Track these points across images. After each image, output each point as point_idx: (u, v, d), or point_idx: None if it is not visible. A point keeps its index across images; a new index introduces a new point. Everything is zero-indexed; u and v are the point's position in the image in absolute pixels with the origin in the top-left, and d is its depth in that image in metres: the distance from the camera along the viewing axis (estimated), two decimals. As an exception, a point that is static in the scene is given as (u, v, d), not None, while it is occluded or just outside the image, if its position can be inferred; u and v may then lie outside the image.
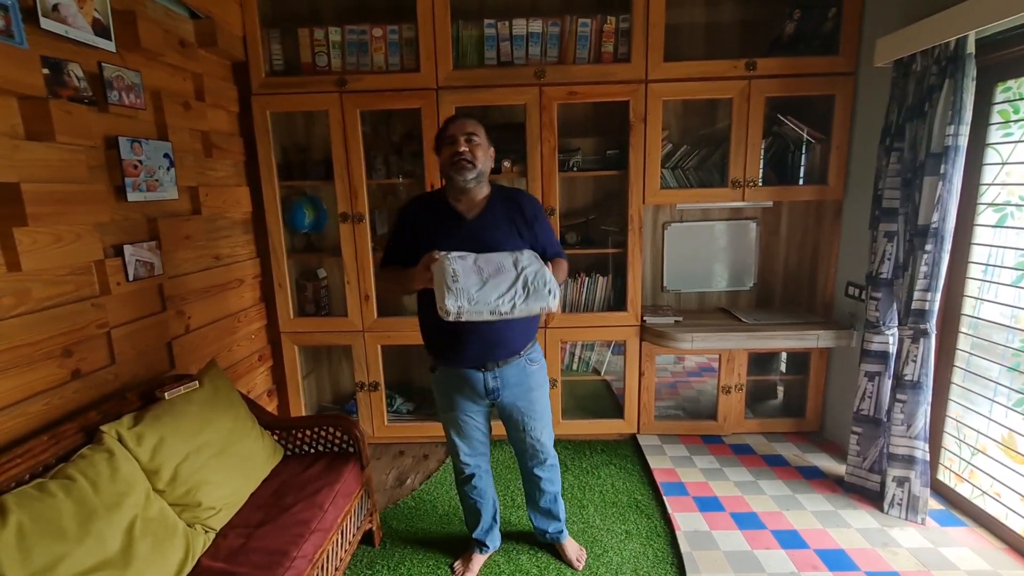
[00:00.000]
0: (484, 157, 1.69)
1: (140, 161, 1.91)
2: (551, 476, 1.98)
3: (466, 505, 2.05)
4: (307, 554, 1.60)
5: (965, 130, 1.89)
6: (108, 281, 1.79)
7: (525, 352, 1.78)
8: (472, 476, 1.95)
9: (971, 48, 1.84)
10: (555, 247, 1.83)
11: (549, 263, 1.68)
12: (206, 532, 1.62)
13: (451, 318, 1.49)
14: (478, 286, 1.49)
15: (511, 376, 1.76)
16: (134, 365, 1.92)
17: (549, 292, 1.52)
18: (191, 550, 1.52)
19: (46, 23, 1.55)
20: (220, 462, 1.74)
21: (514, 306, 1.51)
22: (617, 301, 2.85)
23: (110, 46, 1.78)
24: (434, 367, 1.84)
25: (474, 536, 2.06)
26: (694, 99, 2.75)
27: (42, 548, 1.21)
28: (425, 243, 1.65)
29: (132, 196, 1.88)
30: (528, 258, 1.58)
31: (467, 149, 1.64)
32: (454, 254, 1.55)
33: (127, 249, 1.87)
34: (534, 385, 1.82)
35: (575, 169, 2.76)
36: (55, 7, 1.57)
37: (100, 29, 1.74)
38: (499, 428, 2.02)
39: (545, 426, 1.90)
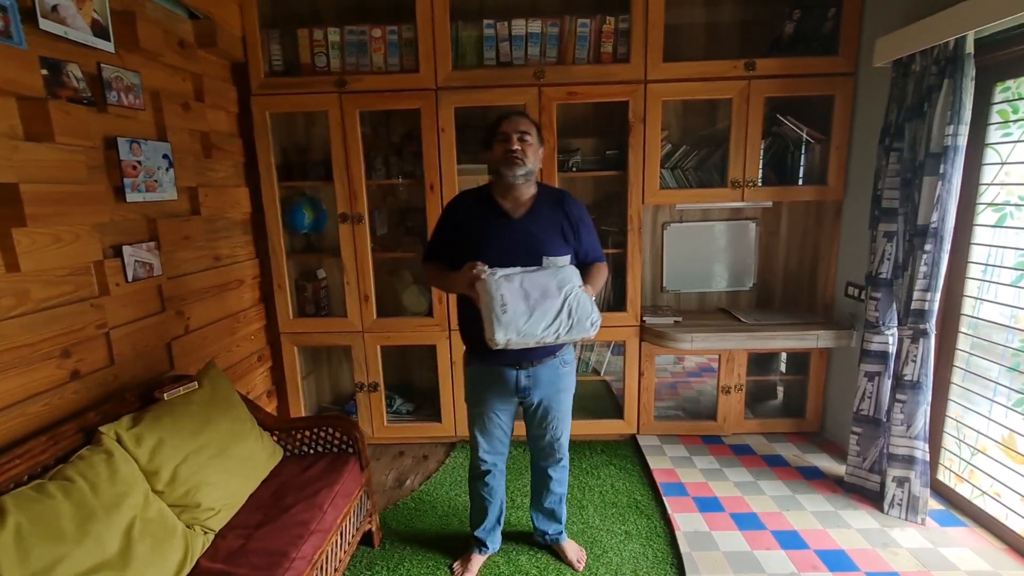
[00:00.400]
0: (534, 156, 1.71)
1: (139, 162, 1.91)
2: (561, 477, 2.00)
3: (474, 501, 2.05)
4: (306, 555, 1.59)
5: (964, 130, 1.89)
6: (107, 282, 1.79)
7: (560, 353, 1.81)
8: (487, 473, 1.97)
9: (970, 48, 1.85)
10: (597, 251, 1.84)
11: (589, 267, 1.76)
12: (205, 533, 1.62)
13: (499, 347, 1.56)
14: (526, 316, 1.54)
15: (544, 376, 1.79)
16: (133, 366, 1.91)
17: (591, 324, 1.60)
18: (190, 551, 1.52)
19: (45, 24, 1.55)
20: (219, 463, 1.74)
21: (558, 336, 1.59)
22: (617, 301, 2.85)
23: (109, 47, 1.78)
24: (470, 362, 1.87)
25: (475, 534, 2.06)
26: (693, 99, 2.75)
27: (41, 549, 1.21)
28: (469, 240, 1.68)
29: (131, 197, 1.88)
30: (570, 278, 1.62)
31: (519, 147, 1.66)
32: (500, 274, 1.59)
33: (126, 250, 1.87)
34: (563, 387, 1.85)
35: (574, 169, 2.76)
36: (54, 8, 1.57)
37: (99, 30, 1.74)
38: (517, 428, 2.02)
39: (566, 427, 1.93)
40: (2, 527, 1.18)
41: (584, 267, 1.78)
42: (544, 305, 1.56)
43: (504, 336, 1.53)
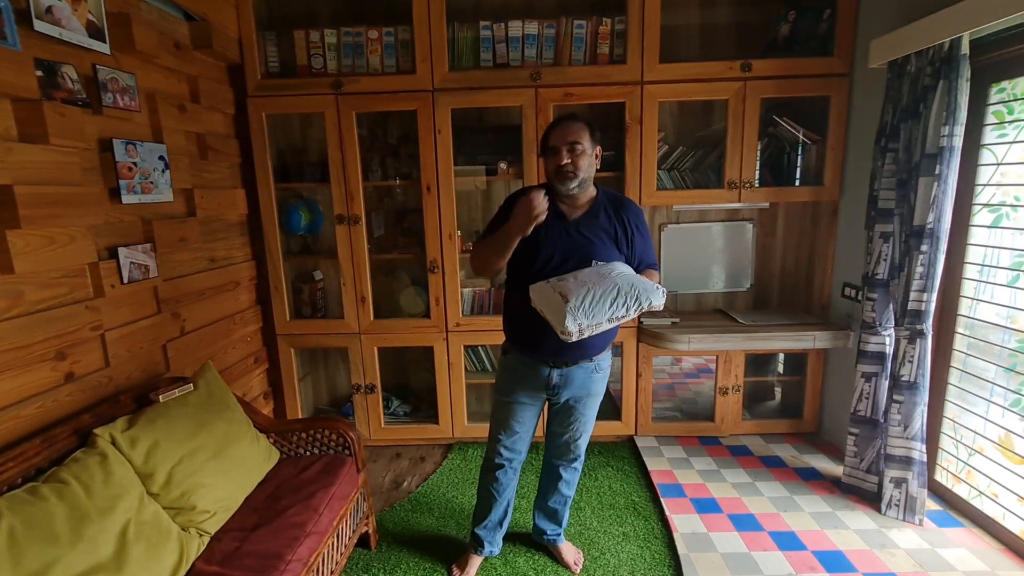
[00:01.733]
0: (588, 164, 1.67)
1: (135, 163, 1.91)
2: (571, 479, 2.00)
3: (481, 495, 2.03)
4: (302, 557, 1.59)
5: (960, 131, 1.89)
6: (102, 283, 1.78)
7: (597, 358, 1.80)
8: (499, 467, 1.94)
9: (965, 49, 1.85)
10: (650, 258, 1.81)
11: (642, 274, 1.70)
12: (200, 536, 1.61)
13: (575, 338, 1.52)
14: (589, 299, 1.51)
15: (576, 378, 1.79)
16: (128, 368, 1.91)
17: (655, 288, 1.55)
18: (185, 554, 1.51)
19: (40, 25, 1.54)
20: (215, 465, 1.73)
21: (627, 309, 1.54)
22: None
23: (104, 48, 1.78)
24: (507, 351, 1.87)
25: (475, 530, 2.04)
26: (690, 100, 2.76)
27: (34, 552, 1.20)
28: (524, 237, 1.64)
29: (127, 198, 1.88)
30: (616, 265, 1.60)
31: (569, 161, 1.63)
32: (552, 279, 1.59)
33: (121, 251, 1.87)
34: (593, 392, 1.85)
35: (571, 171, 2.76)
36: (49, 9, 1.57)
37: (94, 31, 1.73)
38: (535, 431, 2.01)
39: (587, 431, 1.92)
40: (-5, 530, 1.18)
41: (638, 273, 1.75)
42: (603, 285, 1.53)
43: (575, 323, 1.49)
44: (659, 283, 1.70)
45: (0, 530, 1.18)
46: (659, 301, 1.56)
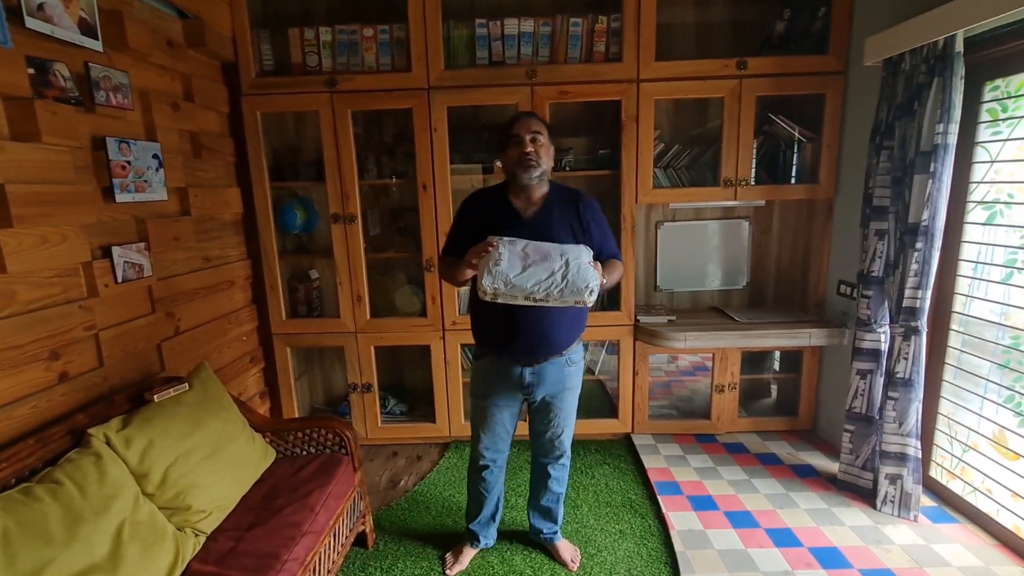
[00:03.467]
0: (547, 156, 1.73)
1: (128, 162, 1.89)
2: (560, 476, 2.00)
3: (471, 494, 2.07)
4: (298, 557, 1.58)
5: (954, 128, 1.90)
6: (96, 283, 1.77)
7: (567, 352, 1.81)
8: (485, 468, 1.97)
9: (959, 47, 1.86)
10: (611, 248, 1.84)
11: (603, 264, 1.72)
12: (196, 535, 1.60)
13: (487, 298, 1.56)
14: (518, 271, 1.54)
15: (549, 374, 1.80)
16: (123, 367, 1.90)
17: (587, 288, 1.54)
18: (181, 554, 1.51)
19: (31, 22, 1.53)
20: (210, 465, 1.72)
21: (548, 295, 1.54)
22: (610, 301, 2.85)
23: (97, 46, 1.76)
24: (479, 355, 1.88)
25: (469, 526, 2.07)
26: (685, 98, 2.76)
27: (28, 553, 1.20)
28: (481, 237, 1.67)
29: (120, 197, 1.87)
30: (577, 253, 1.60)
31: (533, 149, 1.68)
32: (507, 238, 1.61)
33: (115, 250, 1.85)
34: (569, 386, 1.86)
35: (567, 169, 2.76)
36: (40, 6, 1.55)
37: (86, 29, 1.72)
38: (519, 429, 2.02)
39: (569, 425, 1.93)
40: (-12, 531, 1.17)
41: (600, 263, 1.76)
42: (541, 266, 1.55)
43: (492, 284, 1.53)
44: (620, 274, 1.81)
45: (-7, 531, 1.17)
46: (587, 300, 1.56)
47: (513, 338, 1.73)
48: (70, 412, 1.65)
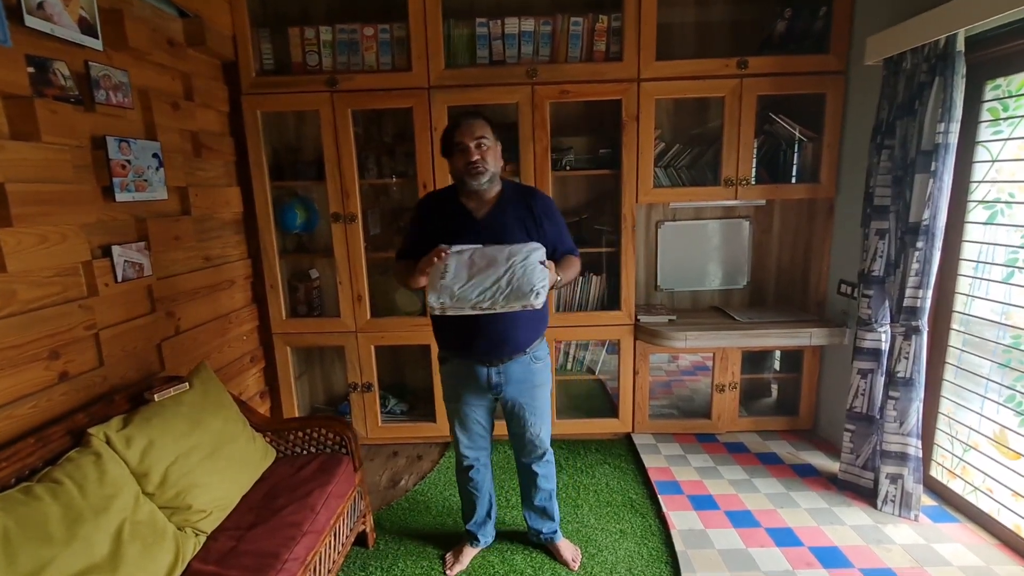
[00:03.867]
0: (494, 159, 1.71)
1: (128, 161, 1.89)
2: (547, 472, 1.99)
3: (463, 496, 2.07)
4: (299, 556, 1.58)
5: (955, 127, 1.89)
6: (96, 282, 1.77)
7: (531, 350, 1.81)
8: (470, 468, 1.98)
9: (961, 46, 1.85)
10: (566, 244, 1.84)
11: (558, 261, 1.73)
12: (196, 535, 1.60)
13: (436, 312, 1.58)
14: (463, 282, 1.55)
15: (515, 372, 1.79)
16: (123, 367, 1.90)
17: (532, 291, 1.54)
18: (181, 553, 1.50)
19: (31, 21, 1.53)
20: (210, 464, 1.72)
21: (494, 302, 1.55)
22: (611, 300, 2.85)
23: (97, 44, 1.76)
24: (444, 359, 1.87)
25: (467, 527, 2.08)
26: (686, 98, 2.76)
27: (28, 552, 1.20)
28: (435, 239, 1.67)
29: (120, 196, 1.86)
30: (525, 254, 1.59)
31: (479, 157, 1.66)
32: (456, 247, 1.61)
33: (115, 250, 1.85)
34: (537, 382, 1.85)
35: (568, 168, 2.76)
36: (40, 5, 1.55)
37: (86, 27, 1.72)
38: (500, 428, 2.02)
39: (545, 422, 1.92)
40: (-12, 531, 1.17)
41: (555, 260, 1.76)
42: (486, 272, 1.55)
43: (437, 300, 1.55)
44: (576, 269, 1.81)
45: (-7, 531, 1.17)
46: (534, 303, 1.56)
47: (474, 341, 1.73)
48: (70, 411, 1.65)
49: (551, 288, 1.64)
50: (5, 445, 1.43)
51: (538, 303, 1.55)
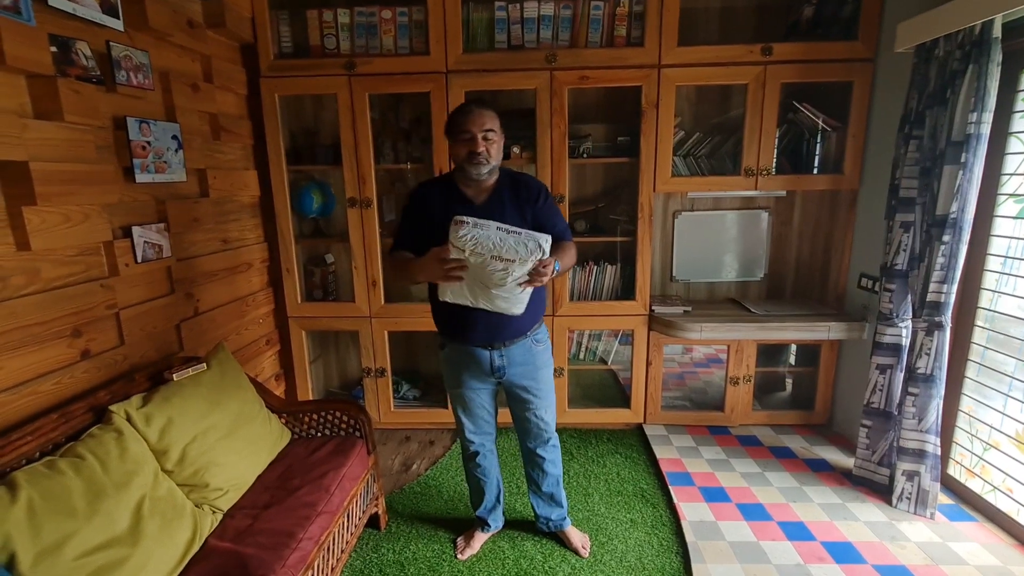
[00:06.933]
0: (498, 152, 1.71)
1: (148, 142, 1.90)
2: (553, 457, 2.00)
3: (471, 482, 2.09)
4: (313, 536, 1.60)
5: (988, 117, 1.83)
6: (117, 262, 1.79)
7: (531, 333, 1.82)
8: (476, 454, 1.99)
9: (997, 32, 1.79)
10: (561, 230, 1.82)
11: (557, 244, 1.72)
12: (213, 513, 1.63)
13: (464, 228, 1.57)
14: (481, 233, 1.56)
15: (517, 355, 1.80)
16: (143, 346, 1.92)
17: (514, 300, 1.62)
18: (199, 530, 1.53)
19: (54, 0, 1.53)
20: (228, 444, 1.75)
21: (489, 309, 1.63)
22: (625, 290, 2.83)
23: (118, 25, 1.77)
24: (443, 344, 1.88)
25: (477, 514, 2.10)
26: (708, 85, 2.70)
27: (52, 525, 1.23)
28: (433, 228, 1.67)
29: (140, 177, 1.88)
30: (527, 252, 1.57)
31: (484, 149, 1.65)
32: (469, 219, 1.58)
33: (135, 230, 1.87)
34: (540, 364, 1.86)
35: (585, 156, 2.73)
36: (63, -16, 1.56)
37: (108, 7, 1.72)
38: (505, 415, 2.02)
39: (549, 405, 1.92)
40: (14, 502, 1.20)
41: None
42: (503, 239, 1.56)
43: (464, 236, 1.57)
44: (573, 256, 1.81)
45: (19, 502, 1.20)
46: (516, 312, 1.64)
47: (474, 326, 1.73)
48: (92, 389, 1.68)
49: (550, 277, 1.64)
50: (29, 420, 1.47)
51: (518, 312, 1.64)
